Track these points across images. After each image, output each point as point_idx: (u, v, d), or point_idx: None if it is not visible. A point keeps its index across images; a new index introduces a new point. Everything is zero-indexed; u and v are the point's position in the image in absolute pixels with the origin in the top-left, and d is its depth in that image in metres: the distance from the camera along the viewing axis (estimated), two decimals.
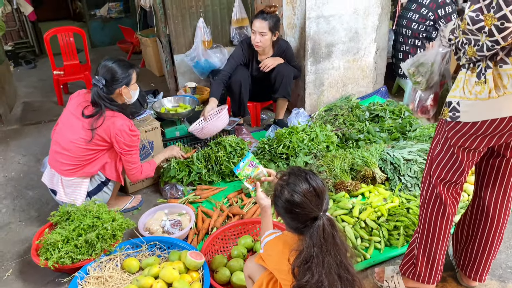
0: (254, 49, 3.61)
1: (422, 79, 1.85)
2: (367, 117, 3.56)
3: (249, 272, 1.78)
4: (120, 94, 2.55)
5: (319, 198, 1.50)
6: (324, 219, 1.46)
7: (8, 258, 2.46)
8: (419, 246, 1.90)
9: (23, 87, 5.69)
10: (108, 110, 2.49)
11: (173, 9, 4.40)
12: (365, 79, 4.19)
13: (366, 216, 2.44)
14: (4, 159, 3.67)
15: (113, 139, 2.47)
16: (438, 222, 1.81)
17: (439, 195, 1.76)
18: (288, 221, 1.56)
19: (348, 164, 2.87)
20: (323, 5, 3.62)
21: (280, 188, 1.55)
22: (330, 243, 1.45)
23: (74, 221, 2.26)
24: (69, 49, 4.98)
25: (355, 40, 3.92)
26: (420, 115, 2.01)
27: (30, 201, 3.02)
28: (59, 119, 2.65)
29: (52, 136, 2.66)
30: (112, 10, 8.12)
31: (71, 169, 2.51)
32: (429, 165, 1.79)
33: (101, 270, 2.13)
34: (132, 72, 2.58)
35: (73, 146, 2.47)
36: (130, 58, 6.89)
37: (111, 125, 2.45)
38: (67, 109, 2.61)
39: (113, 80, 2.50)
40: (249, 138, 3.58)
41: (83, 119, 2.47)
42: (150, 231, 2.45)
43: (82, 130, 2.47)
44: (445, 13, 3.77)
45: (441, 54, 1.79)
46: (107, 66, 2.51)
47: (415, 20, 3.93)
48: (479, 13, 1.36)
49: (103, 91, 2.47)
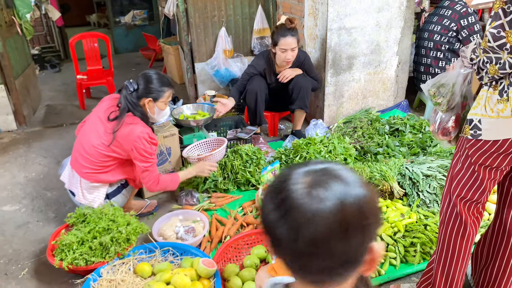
0: (272, 61, 3.61)
1: (443, 100, 1.82)
2: (386, 130, 3.52)
3: (261, 283, 1.75)
4: (144, 106, 2.56)
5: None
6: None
7: (24, 257, 2.50)
8: (438, 265, 1.84)
9: (47, 90, 5.83)
10: (130, 115, 2.50)
11: (196, 18, 4.46)
12: (386, 92, 4.15)
13: (383, 231, 2.39)
14: (26, 160, 3.74)
15: (131, 145, 2.45)
16: (458, 241, 1.75)
17: (460, 214, 1.71)
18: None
19: (365, 177, 2.83)
20: (345, 17, 3.62)
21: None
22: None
23: (90, 224, 2.28)
24: (93, 55, 5.09)
25: (376, 52, 3.89)
26: (441, 137, 1.96)
27: (48, 202, 3.06)
28: (86, 118, 2.70)
29: (77, 133, 2.70)
30: (137, 17, 8.29)
31: (90, 172, 2.53)
32: (449, 183, 1.74)
33: (114, 273, 2.14)
34: (166, 90, 2.57)
35: (94, 151, 2.49)
36: (152, 65, 7.00)
37: (130, 132, 2.44)
38: (96, 111, 2.63)
39: (145, 88, 2.52)
40: (266, 148, 3.57)
41: (107, 123, 2.49)
42: (164, 237, 2.46)
43: (104, 134, 2.49)
44: (468, 23, 3.73)
45: (463, 75, 1.75)
46: (146, 74, 2.55)
47: (437, 31, 3.90)
48: (500, 30, 1.33)
49: (132, 95, 2.50)
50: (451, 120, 1.87)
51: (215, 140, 3.30)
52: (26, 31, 4.72)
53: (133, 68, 7.06)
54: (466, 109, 1.83)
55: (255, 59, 3.73)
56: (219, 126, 3.78)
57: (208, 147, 3.30)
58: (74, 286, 2.23)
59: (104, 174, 2.55)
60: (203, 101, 4.57)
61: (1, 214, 2.93)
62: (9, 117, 4.32)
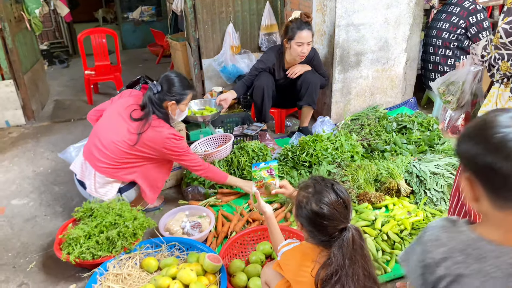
0: (281, 57, 3.60)
1: (453, 98, 1.80)
2: (394, 128, 3.50)
3: (266, 279, 1.76)
4: (167, 108, 2.59)
5: (346, 209, 1.45)
6: (352, 230, 1.43)
7: (32, 250, 2.52)
8: None
9: (55, 86, 5.87)
10: (155, 118, 2.52)
11: (203, 14, 4.46)
12: (394, 90, 4.12)
13: (389, 228, 2.38)
14: (34, 154, 3.77)
15: (162, 148, 2.49)
16: None
17: (468, 212, 1.70)
18: (313, 234, 1.50)
19: (372, 175, 2.82)
20: (354, 14, 3.59)
21: (306, 200, 1.49)
22: (359, 254, 1.42)
23: (97, 218, 2.29)
24: (101, 50, 5.11)
25: (385, 49, 3.87)
26: (451, 135, 1.94)
27: (56, 196, 3.09)
28: (99, 107, 2.73)
29: (90, 120, 2.74)
30: (144, 13, 8.31)
31: (106, 167, 2.53)
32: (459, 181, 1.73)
33: (120, 267, 2.15)
34: (188, 93, 2.62)
35: (114, 147, 2.49)
36: (160, 61, 7.02)
37: (158, 135, 2.48)
38: (115, 106, 2.64)
39: (168, 91, 2.55)
40: (272, 144, 3.56)
41: (130, 122, 2.50)
42: (170, 232, 2.47)
43: (127, 133, 2.48)
44: (477, 20, 3.70)
45: (473, 73, 1.73)
46: (169, 76, 2.59)
47: (446, 29, 3.87)
48: None
49: (156, 97, 2.53)
50: (461, 118, 1.86)
51: (221, 136, 3.31)
52: (35, 26, 4.74)
53: (140, 64, 7.08)
54: (476, 106, 1.81)
55: (264, 54, 3.71)
56: (225, 122, 3.78)
57: (214, 143, 3.30)
58: (81, 280, 2.25)
59: (121, 171, 2.56)
60: (210, 97, 4.57)
61: (10, 208, 2.96)
62: (18, 111, 4.36)
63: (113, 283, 2.05)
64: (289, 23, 3.45)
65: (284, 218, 2.66)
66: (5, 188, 3.22)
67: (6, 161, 3.66)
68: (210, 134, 3.35)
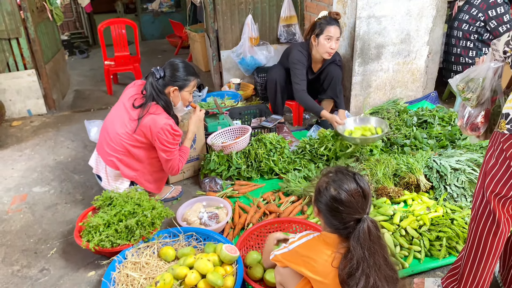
0: (310, 55, 3.52)
1: (473, 96, 1.75)
2: (414, 122, 3.44)
3: (281, 279, 1.70)
4: (169, 94, 2.56)
5: (365, 200, 1.46)
6: (368, 221, 1.43)
7: (53, 237, 2.57)
8: (466, 262, 1.79)
9: (75, 76, 5.95)
10: (154, 104, 2.50)
11: (222, 5, 4.44)
12: (415, 83, 4.05)
13: (407, 224, 2.35)
14: (55, 143, 3.84)
15: (154, 136, 2.47)
16: (489, 240, 1.68)
17: (493, 211, 1.65)
18: (329, 220, 1.51)
19: (391, 169, 2.78)
20: (375, 5, 3.53)
21: (326, 184, 1.50)
22: (377, 244, 1.43)
23: (116, 207, 2.32)
24: (120, 41, 5.15)
25: (406, 42, 3.80)
26: (470, 132, 1.89)
27: (76, 185, 3.14)
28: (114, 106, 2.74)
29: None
30: (164, 4, 8.33)
31: (113, 161, 2.57)
32: (483, 179, 1.68)
33: (138, 256, 2.18)
34: (191, 79, 2.58)
35: (118, 139, 2.52)
36: (178, 52, 7.04)
37: (152, 122, 2.45)
38: (121, 98, 2.66)
39: (171, 76, 2.52)
40: (290, 137, 3.55)
41: (131, 110, 2.51)
42: (187, 222, 2.49)
43: (128, 123, 2.50)
44: (496, 14, 3.62)
45: (493, 69, 1.68)
46: (173, 62, 2.56)
47: (466, 21, 3.79)
48: None
49: (158, 82, 2.51)
50: (480, 115, 1.81)
51: (239, 128, 3.30)
52: (56, 16, 4.80)
53: (159, 55, 7.12)
54: (496, 103, 1.76)
55: (296, 56, 3.48)
56: (243, 114, 3.78)
57: (232, 135, 3.30)
58: (100, 267, 2.29)
59: (125, 164, 2.57)
60: (228, 89, 4.57)
61: (32, 195, 3.02)
62: (40, 101, 4.43)
63: (131, 271, 2.08)
64: (317, 20, 3.39)
65: (301, 211, 2.65)
66: (27, 175, 3.29)
67: (28, 149, 3.73)
68: (228, 125, 3.35)
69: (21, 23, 4.09)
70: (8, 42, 4.13)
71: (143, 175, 2.66)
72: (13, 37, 4.11)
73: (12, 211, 2.84)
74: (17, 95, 4.33)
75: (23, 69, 4.27)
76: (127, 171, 2.60)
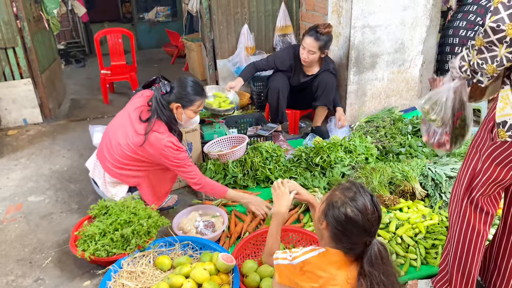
0: (298, 58, 3.60)
1: (437, 117, 1.79)
2: (409, 130, 3.46)
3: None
4: (173, 110, 2.53)
5: (377, 225, 1.44)
6: (378, 244, 1.42)
7: (48, 247, 2.56)
8: (453, 263, 1.84)
9: (72, 85, 5.95)
10: (158, 121, 2.46)
11: (218, 15, 4.47)
12: (410, 92, 4.08)
13: (403, 232, 2.36)
14: (50, 152, 3.83)
15: (159, 154, 2.44)
16: (472, 241, 1.76)
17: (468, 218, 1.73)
18: (337, 236, 1.46)
19: (387, 177, 2.80)
20: (370, 15, 3.57)
21: (341, 202, 1.44)
22: (389, 265, 1.43)
23: (112, 216, 2.32)
24: (117, 50, 5.17)
25: (401, 51, 3.84)
26: (437, 148, 1.93)
27: (71, 194, 3.13)
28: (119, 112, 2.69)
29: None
30: (160, 14, 8.38)
31: (112, 168, 2.56)
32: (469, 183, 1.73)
33: (134, 265, 2.17)
34: (197, 99, 2.53)
35: (120, 149, 2.49)
36: (175, 62, 7.06)
37: (155, 140, 2.42)
38: (127, 107, 2.63)
39: (177, 93, 2.49)
40: (286, 145, 3.56)
41: (136, 123, 2.47)
42: (183, 231, 2.48)
43: (134, 135, 2.46)
44: None
45: (453, 89, 1.73)
46: (182, 79, 2.53)
47: (463, 27, 3.83)
48: (500, 24, 1.36)
49: (163, 97, 2.49)
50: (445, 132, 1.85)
51: (236, 137, 3.31)
52: (53, 26, 4.82)
53: (155, 64, 7.14)
54: (461, 118, 1.80)
55: (280, 53, 3.74)
56: (239, 122, 3.79)
57: (229, 144, 3.31)
58: (96, 277, 2.27)
59: (124, 173, 2.55)
60: None
61: (27, 204, 3.01)
62: (35, 110, 4.43)
63: (127, 280, 2.07)
64: (311, 27, 3.47)
65: (297, 219, 2.65)
66: (22, 184, 3.28)
67: (24, 158, 3.72)
68: (224, 134, 3.36)
69: (17, 33, 4.10)
70: (5, 51, 4.13)
71: (145, 180, 2.64)
72: (10, 46, 4.12)
73: (7, 220, 2.83)
74: (13, 104, 4.33)
75: (19, 78, 4.27)
76: (128, 179, 2.59)
